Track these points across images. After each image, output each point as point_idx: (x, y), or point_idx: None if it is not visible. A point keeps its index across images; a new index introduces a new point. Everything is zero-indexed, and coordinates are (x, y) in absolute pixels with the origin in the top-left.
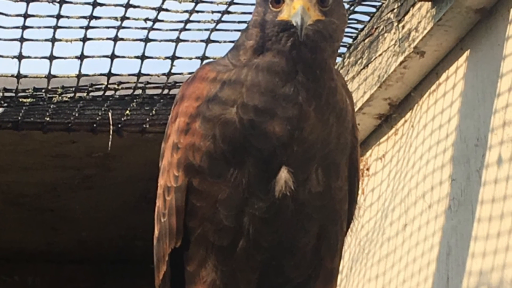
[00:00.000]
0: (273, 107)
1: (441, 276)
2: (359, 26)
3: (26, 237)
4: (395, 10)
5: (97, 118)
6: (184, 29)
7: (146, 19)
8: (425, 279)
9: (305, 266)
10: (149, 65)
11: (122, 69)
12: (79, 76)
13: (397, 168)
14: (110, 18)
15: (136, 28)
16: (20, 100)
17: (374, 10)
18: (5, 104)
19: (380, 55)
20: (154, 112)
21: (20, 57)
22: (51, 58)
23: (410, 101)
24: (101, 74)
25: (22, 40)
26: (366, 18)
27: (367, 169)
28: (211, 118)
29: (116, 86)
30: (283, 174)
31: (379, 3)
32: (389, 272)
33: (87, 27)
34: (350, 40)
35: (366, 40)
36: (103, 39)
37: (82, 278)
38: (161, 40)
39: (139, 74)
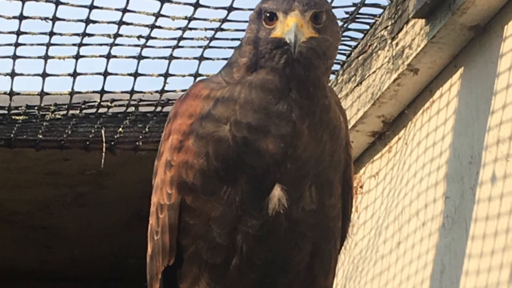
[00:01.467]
0: (267, 125)
1: None
2: (353, 43)
3: (19, 255)
4: (388, 27)
5: (90, 136)
6: (177, 46)
7: (139, 37)
8: None
9: (298, 284)
10: (142, 82)
11: (115, 87)
12: (72, 93)
13: (391, 186)
14: (103, 35)
15: (129, 45)
16: (13, 117)
17: (367, 27)
18: None
19: (373, 72)
20: (147, 129)
21: (12, 74)
22: (44, 75)
23: (404, 118)
24: (94, 92)
25: (14, 57)
26: (360, 35)
27: (361, 187)
28: (204, 136)
29: (109, 104)
30: (277, 192)
31: (373, 20)
32: None
33: (80, 44)
34: (343, 57)
35: (360, 58)
36: (96, 57)
37: None
38: (154, 57)
39: (132, 92)
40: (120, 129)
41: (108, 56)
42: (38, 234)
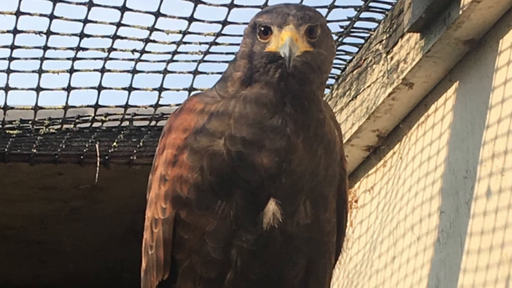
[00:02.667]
0: (261, 139)
1: None
2: (348, 57)
3: (13, 270)
4: (383, 42)
5: (84, 150)
6: (171, 60)
7: (133, 51)
8: None
9: None
10: (136, 96)
11: (109, 101)
12: (66, 107)
13: (386, 200)
14: (97, 49)
15: (124, 59)
16: (7, 131)
17: (362, 41)
18: None
19: (368, 86)
20: (141, 143)
21: (6, 88)
22: (38, 89)
23: (399, 132)
24: (88, 106)
25: (8, 71)
26: (355, 49)
27: (356, 201)
28: (198, 150)
29: (103, 118)
30: (271, 206)
31: (368, 34)
32: None
33: (74, 59)
34: (338, 72)
35: (355, 72)
36: (90, 71)
37: None
38: (148, 72)
39: (126, 106)
40: (115, 144)
41: (102, 70)
42: (32, 248)
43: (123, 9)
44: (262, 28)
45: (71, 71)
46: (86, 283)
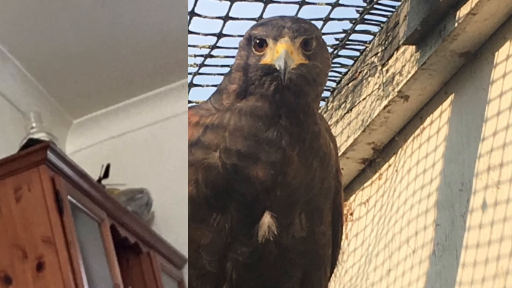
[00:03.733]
0: (256, 152)
1: None
2: (343, 70)
3: None
4: (379, 54)
5: None
6: None
7: None
8: None
9: None
10: None
11: None
12: None
13: (381, 213)
14: None
15: None
16: None
17: (357, 54)
18: None
19: (364, 99)
20: None
21: None
22: None
23: (394, 145)
24: None
25: None
26: (350, 62)
27: (351, 214)
28: (193, 163)
29: None
30: (266, 219)
31: (363, 47)
32: None
33: None
34: (333, 84)
35: (350, 84)
36: None
37: None
38: None
39: None
40: None
41: None
42: None
43: None
44: (257, 41)
45: None
46: None
